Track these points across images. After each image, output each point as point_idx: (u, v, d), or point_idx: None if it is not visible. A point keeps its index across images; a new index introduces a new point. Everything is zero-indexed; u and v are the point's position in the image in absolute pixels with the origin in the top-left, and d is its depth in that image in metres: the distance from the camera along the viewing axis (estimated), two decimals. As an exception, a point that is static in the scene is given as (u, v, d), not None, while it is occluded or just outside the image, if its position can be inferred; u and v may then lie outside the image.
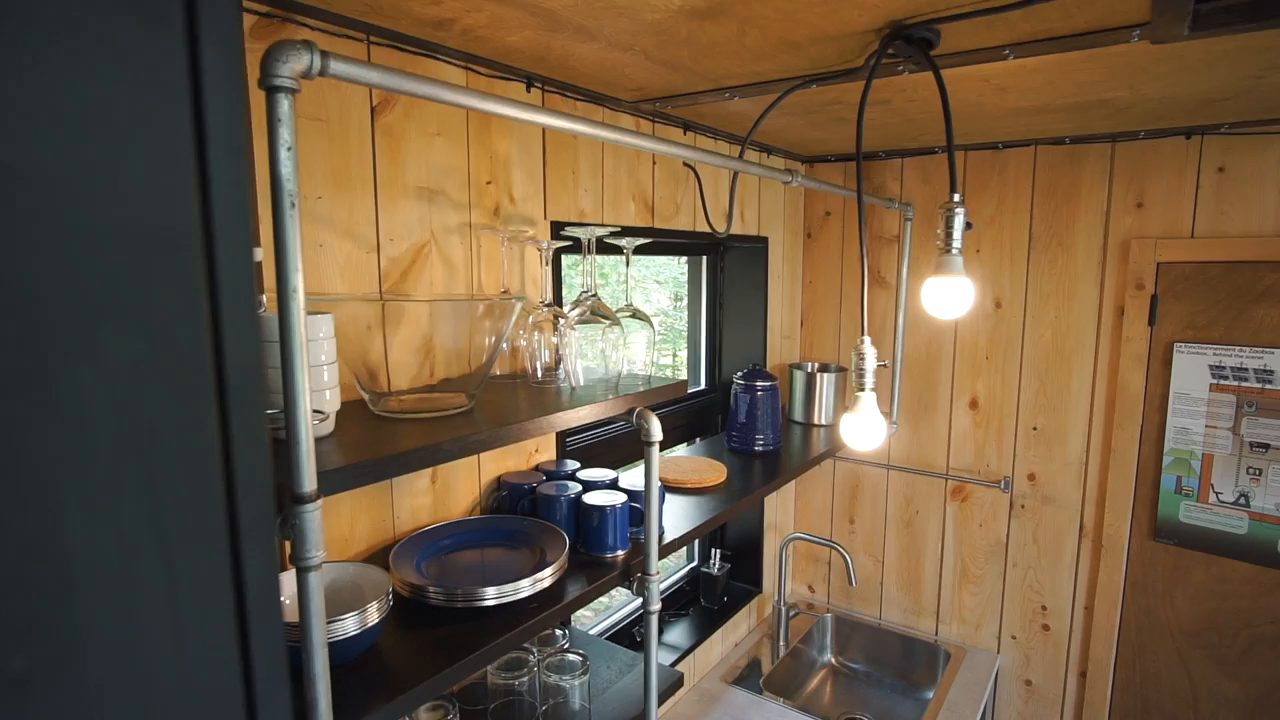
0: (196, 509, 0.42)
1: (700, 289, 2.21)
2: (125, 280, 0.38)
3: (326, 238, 1.02)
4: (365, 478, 0.74)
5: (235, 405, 0.44)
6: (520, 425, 0.91)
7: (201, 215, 0.41)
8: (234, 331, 0.43)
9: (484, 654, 0.89)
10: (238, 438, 0.44)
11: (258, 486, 0.46)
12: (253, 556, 0.46)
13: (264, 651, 0.46)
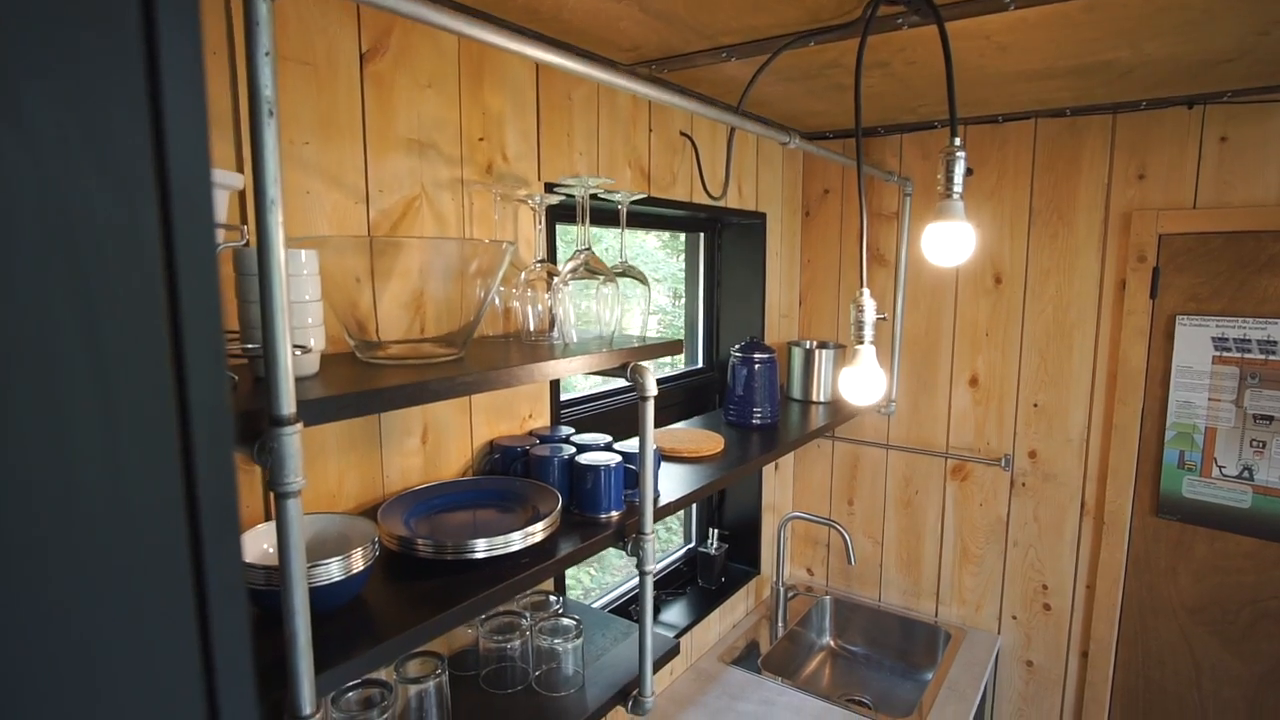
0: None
1: (698, 267, 2.18)
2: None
3: (314, 185, 1.00)
4: (347, 410, 0.72)
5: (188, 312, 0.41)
6: (510, 370, 0.89)
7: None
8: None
9: (473, 604, 0.86)
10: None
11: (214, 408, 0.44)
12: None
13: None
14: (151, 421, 0.35)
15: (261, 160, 0.59)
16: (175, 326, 0.36)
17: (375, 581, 0.91)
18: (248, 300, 0.77)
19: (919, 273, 2.13)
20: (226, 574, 0.41)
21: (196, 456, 0.38)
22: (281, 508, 0.63)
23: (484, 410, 1.28)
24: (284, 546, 0.63)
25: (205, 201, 0.35)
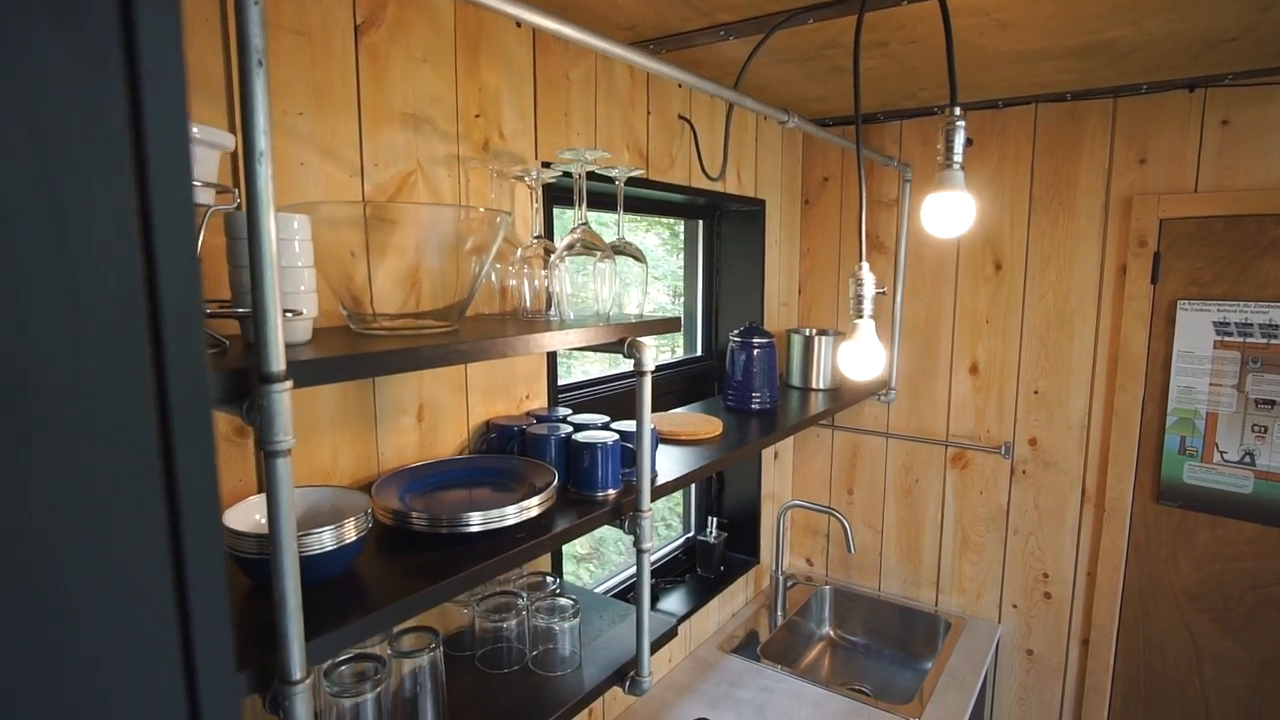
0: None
1: (697, 255, 2.17)
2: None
3: (308, 156, 0.99)
4: (339, 373, 0.71)
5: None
6: (505, 340, 0.88)
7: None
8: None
9: (468, 576, 0.85)
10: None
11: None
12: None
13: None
14: (123, 384, 0.34)
15: (251, 111, 0.58)
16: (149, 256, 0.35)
17: (368, 554, 0.90)
18: (239, 265, 0.77)
19: (919, 259, 2.12)
20: (204, 532, 0.40)
21: (172, 411, 0.37)
22: (271, 467, 0.62)
23: (480, 390, 1.27)
24: (273, 508, 0.62)
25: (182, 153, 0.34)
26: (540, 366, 1.39)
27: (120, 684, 0.35)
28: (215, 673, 0.41)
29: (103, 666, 0.34)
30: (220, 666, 0.41)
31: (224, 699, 0.41)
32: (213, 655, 0.41)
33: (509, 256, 1.23)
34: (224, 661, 0.42)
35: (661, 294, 2.34)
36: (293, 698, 0.64)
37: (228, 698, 0.41)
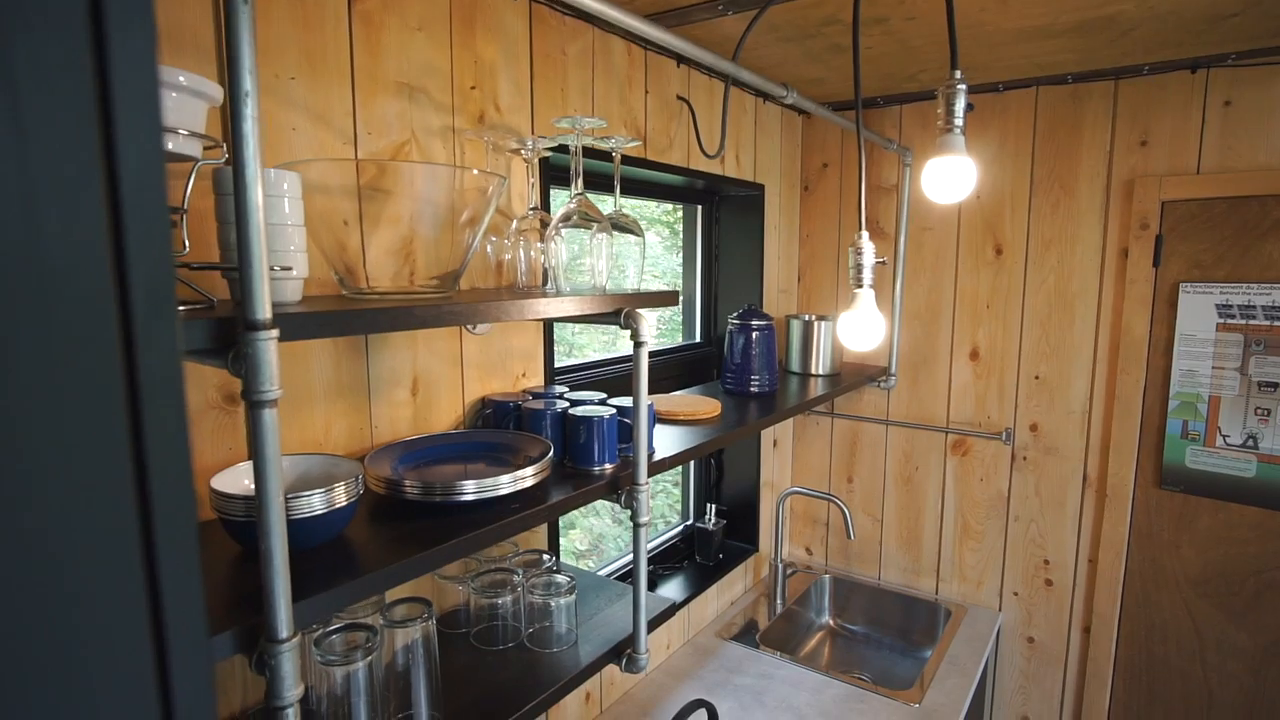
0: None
1: (695, 240, 2.16)
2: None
3: (299, 122, 0.98)
4: (328, 328, 0.69)
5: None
6: (499, 304, 0.87)
7: None
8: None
9: (461, 544, 0.84)
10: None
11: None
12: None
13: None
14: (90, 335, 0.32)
15: (237, 49, 0.56)
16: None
17: (360, 523, 0.88)
18: (226, 222, 0.75)
19: (919, 245, 2.11)
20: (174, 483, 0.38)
21: (138, 353, 0.35)
22: (256, 418, 0.60)
23: (476, 366, 1.26)
24: (259, 460, 0.61)
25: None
26: (537, 344, 1.38)
27: (81, 644, 0.34)
28: (186, 630, 0.39)
29: (62, 621, 0.33)
30: (191, 625, 0.39)
31: (195, 659, 0.39)
32: (182, 611, 0.39)
33: (504, 230, 1.22)
34: (195, 620, 0.40)
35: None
36: (279, 656, 0.63)
37: (198, 658, 0.39)
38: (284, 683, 0.63)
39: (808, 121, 2.27)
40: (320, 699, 0.88)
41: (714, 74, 1.79)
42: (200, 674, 0.39)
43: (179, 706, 0.39)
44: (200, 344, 0.60)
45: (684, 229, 2.18)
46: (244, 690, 0.96)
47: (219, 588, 0.72)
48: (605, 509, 2.11)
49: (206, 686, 0.40)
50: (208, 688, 0.40)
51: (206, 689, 0.40)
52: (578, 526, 2.09)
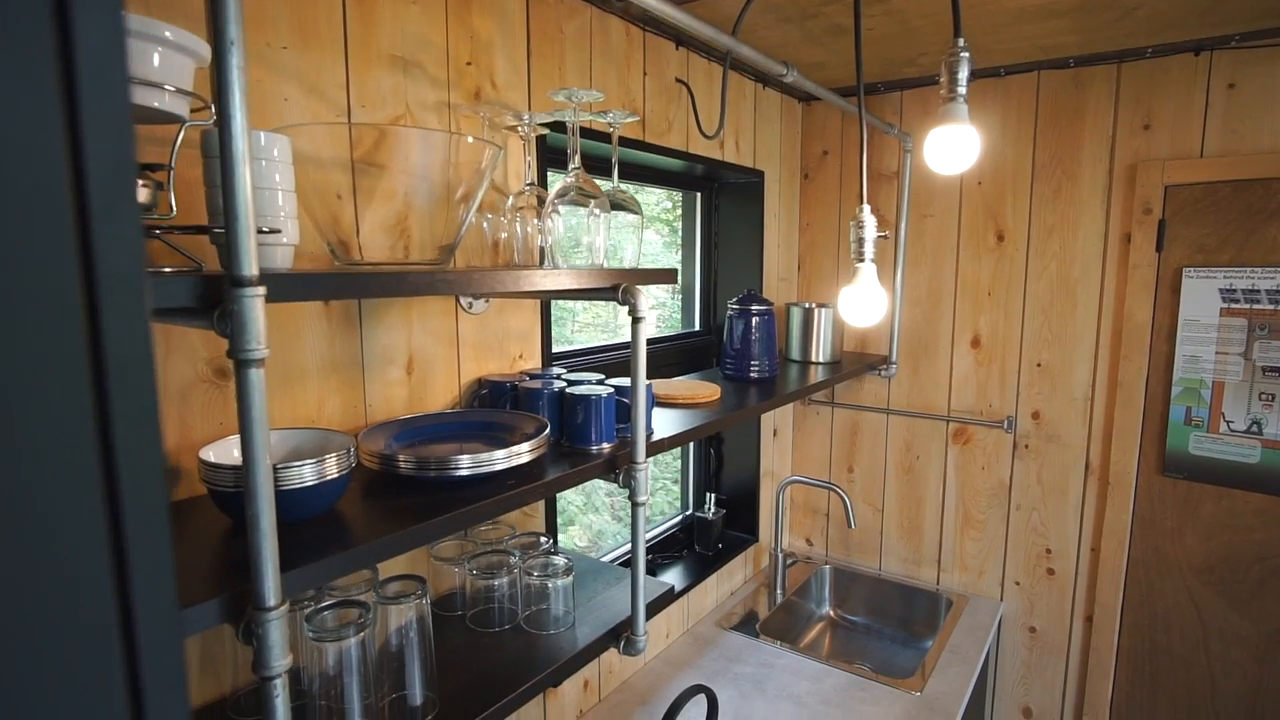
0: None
1: (694, 228, 2.14)
2: None
3: (291, 92, 0.96)
4: (317, 290, 0.68)
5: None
6: (495, 274, 0.85)
7: None
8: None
9: (455, 518, 0.82)
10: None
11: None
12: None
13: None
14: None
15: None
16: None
17: (352, 498, 0.87)
18: (214, 185, 0.73)
19: (920, 232, 2.09)
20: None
21: (105, 323, 0.34)
22: (243, 378, 0.58)
23: (472, 346, 1.24)
24: (245, 421, 0.59)
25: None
26: (534, 325, 1.36)
27: (42, 614, 0.32)
28: (154, 600, 0.37)
29: (21, 590, 0.31)
30: (160, 595, 0.38)
31: (164, 631, 0.37)
32: (151, 578, 0.37)
33: (501, 208, 1.20)
34: (164, 589, 0.38)
35: (661, 290, 2.31)
36: (266, 625, 0.61)
37: (167, 630, 0.38)
38: (272, 652, 0.61)
39: (807, 109, 2.25)
40: (312, 679, 0.87)
41: (712, 57, 1.78)
42: (169, 644, 0.38)
43: (147, 677, 0.37)
44: (185, 301, 0.58)
45: (683, 217, 2.16)
46: (235, 671, 0.94)
47: (206, 560, 0.70)
48: (604, 506, 2.09)
49: (175, 657, 0.38)
50: (177, 658, 0.38)
51: (175, 660, 0.38)
52: (576, 523, 2.07)
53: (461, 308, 1.21)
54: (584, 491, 2.06)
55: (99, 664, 0.35)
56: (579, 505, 2.05)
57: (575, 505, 2.05)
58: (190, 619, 0.60)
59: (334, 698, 0.87)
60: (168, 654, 0.38)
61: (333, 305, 1.02)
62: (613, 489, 2.05)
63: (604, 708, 1.61)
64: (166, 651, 0.38)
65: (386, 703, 0.91)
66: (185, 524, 0.79)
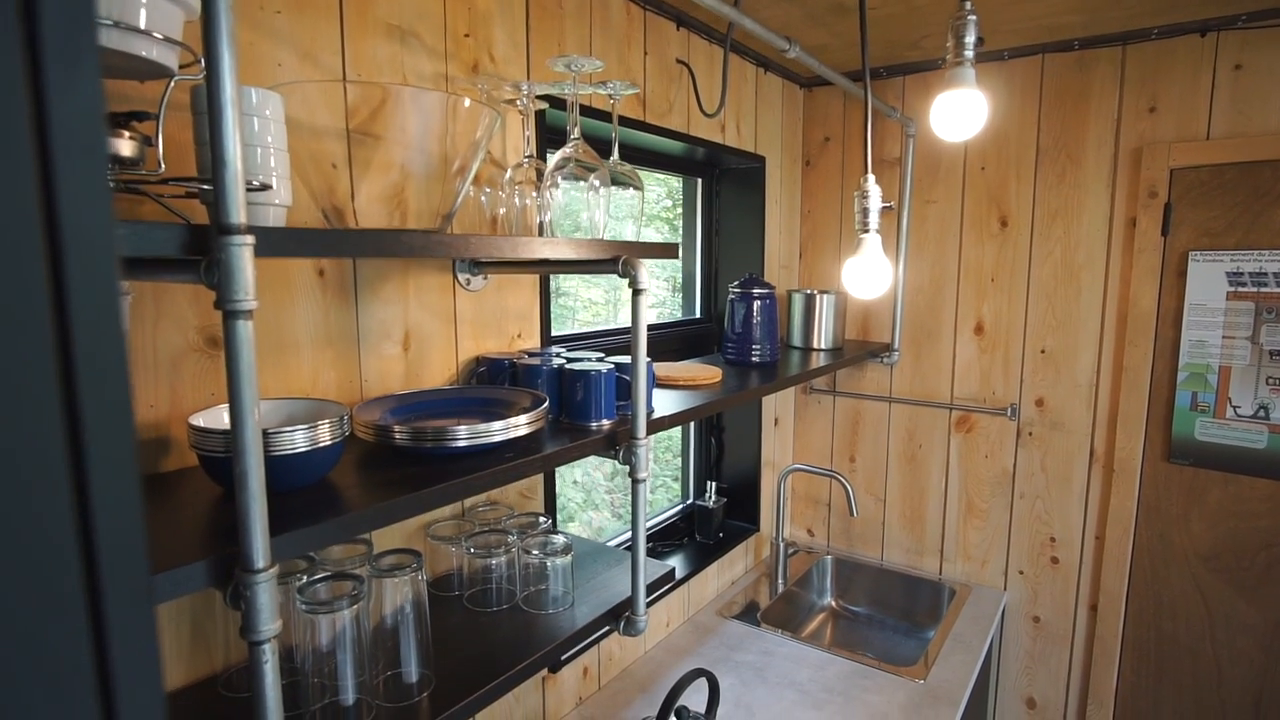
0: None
1: (695, 215, 2.13)
2: None
3: (285, 57, 0.94)
4: (309, 246, 0.66)
5: None
6: (493, 240, 0.83)
7: None
8: None
9: (451, 487, 0.80)
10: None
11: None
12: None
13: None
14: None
15: (206, -70, 0.53)
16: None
17: (347, 469, 0.85)
18: (205, 143, 0.72)
19: (923, 218, 2.07)
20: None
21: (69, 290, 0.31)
22: (230, 330, 0.56)
23: (469, 323, 1.22)
24: (233, 375, 0.57)
25: None
26: (533, 304, 1.34)
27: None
28: (121, 558, 0.35)
29: None
30: (129, 555, 0.35)
31: (133, 596, 0.35)
32: (118, 533, 0.35)
33: (499, 182, 1.19)
34: (134, 549, 0.36)
35: (660, 288, 2.28)
36: (254, 587, 0.59)
37: (137, 595, 0.35)
38: (260, 616, 0.59)
39: (809, 94, 2.24)
40: (304, 657, 0.85)
41: (713, 38, 1.76)
42: (140, 612, 0.35)
43: (115, 649, 0.35)
44: (171, 250, 0.56)
45: (683, 203, 2.14)
46: (227, 649, 0.92)
47: (195, 526, 0.68)
48: (605, 504, 2.07)
49: (146, 623, 0.36)
50: (148, 625, 0.36)
51: (147, 628, 0.36)
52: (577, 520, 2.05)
53: (459, 284, 1.19)
54: (584, 489, 2.04)
55: (62, 632, 0.32)
56: (579, 502, 2.03)
57: (575, 502, 2.03)
58: (176, 581, 0.58)
59: (327, 674, 0.85)
60: (137, 620, 0.35)
61: (327, 276, 1.00)
62: (613, 486, 2.03)
63: (603, 695, 1.59)
64: (136, 618, 0.35)
65: (381, 680, 0.89)
66: (175, 493, 0.77)
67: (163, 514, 0.71)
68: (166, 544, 0.63)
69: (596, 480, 2.06)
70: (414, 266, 1.12)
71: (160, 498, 0.76)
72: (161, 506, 0.73)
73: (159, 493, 0.77)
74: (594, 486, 2.06)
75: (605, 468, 2.05)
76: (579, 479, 2.00)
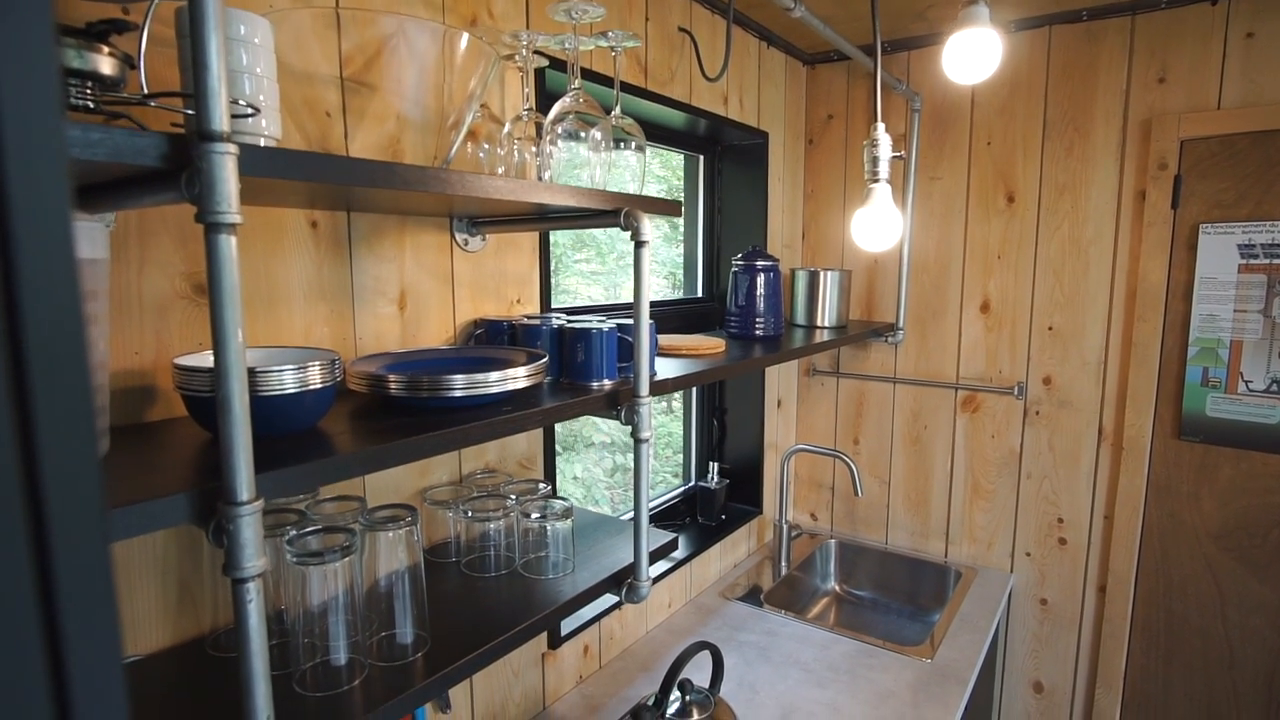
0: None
1: (697, 192, 2.10)
2: None
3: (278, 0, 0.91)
4: (297, 168, 0.63)
5: None
6: (491, 180, 0.80)
7: None
8: None
9: (446, 436, 0.77)
10: None
11: None
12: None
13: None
14: None
15: None
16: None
17: (339, 419, 0.82)
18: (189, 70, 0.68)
19: (928, 195, 2.04)
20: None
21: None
22: (212, 245, 0.53)
23: (467, 286, 1.19)
24: (215, 293, 0.54)
25: None
26: (532, 268, 1.31)
27: None
28: (69, 485, 0.31)
29: None
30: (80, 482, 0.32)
31: (86, 529, 0.32)
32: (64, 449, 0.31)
33: (497, 137, 1.15)
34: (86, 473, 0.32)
35: (661, 286, 2.24)
36: (237, 520, 0.56)
37: (91, 526, 0.32)
38: (243, 551, 0.56)
39: (812, 72, 2.21)
40: (295, 619, 0.81)
41: (715, 7, 1.73)
42: (91, 540, 0.32)
43: (63, 581, 0.31)
44: (151, 160, 0.53)
45: (684, 180, 2.11)
46: (215, 610, 0.89)
47: (178, 467, 0.65)
48: (605, 500, 2.03)
49: (101, 559, 0.32)
50: (103, 560, 0.33)
51: (101, 561, 0.32)
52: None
53: (457, 244, 1.16)
54: (584, 484, 2.00)
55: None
56: (579, 498, 2.00)
57: (575, 498, 1.99)
58: (155, 513, 0.55)
59: (318, 635, 0.82)
60: (88, 552, 0.32)
61: (321, 228, 0.97)
62: (613, 482, 2.00)
63: (604, 674, 1.55)
64: (87, 550, 0.32)
65: (375, 641, 0.86)
66: (159, 440, 0.74)
67: (145, 457, 0.68)
68: (146, 482, 0.60)
69: (596, 476, 2.03)
70: (410, 224, 1.09)
71: (143, 445, 0.72)
72: (144, 452, 0.70)
73: (143, 440, 0.74)
74: (594, 483, 2.02)
75: (605, 464, 2.02)
76: (579, 475, 1.97)
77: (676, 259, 2.13)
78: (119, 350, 0.79)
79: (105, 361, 0.68)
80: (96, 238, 0.63)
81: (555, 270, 1.43)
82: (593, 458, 1.98)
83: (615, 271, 1.89)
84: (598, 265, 1.89)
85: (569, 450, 1.88)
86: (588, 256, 1.89)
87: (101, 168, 0.56)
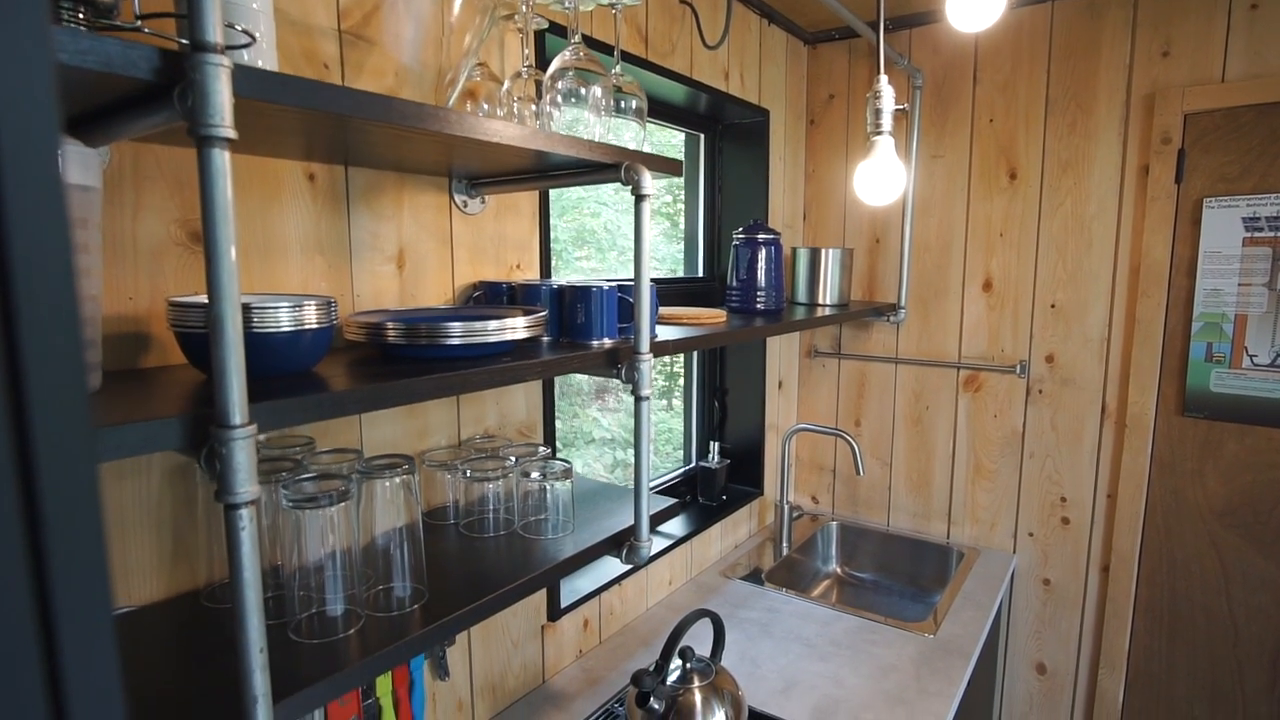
0: None
1: (698, 172, 2.09)
2: None
3: (273, -53, 0.90)
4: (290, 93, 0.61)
5: None
6: (489, 123, 0.79)
7: None
8: None
9: (443, 380, 0.76)
10: None
11: None
12: None
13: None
14: None
15: None
16: None
17: (336, 365, 0.81)
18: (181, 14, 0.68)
19: (930, 174, 2.03)
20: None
21: None
22: (205, 159, 0.52)
23: (466, 249, 1.18)
24: (208, 209, 0.53)
25: None
26: (532, 233, 1.30)
27: None
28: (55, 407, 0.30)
29: None
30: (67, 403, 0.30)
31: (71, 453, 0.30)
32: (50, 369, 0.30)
33: (496, 97, 1.15)
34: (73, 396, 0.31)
35: (660, 271, 2.22)
36: (230, 444, 0.55)
37: (77, 450, 0.31)
38: (236, 475, 0.55)
39: (813, 51, 2.20)
40: (290, 572, 0.80)
41: (718, -18, 1.72)
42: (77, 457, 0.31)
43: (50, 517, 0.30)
44: (143, 72, 0.52)
45: (685, 159, 2.10)
46: (210, 564, 0.88)
47: (171, 399, 0.64)
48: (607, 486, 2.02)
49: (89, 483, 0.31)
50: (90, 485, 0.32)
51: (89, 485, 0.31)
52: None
53: (456, 205, 1.15)
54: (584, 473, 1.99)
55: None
56: (581, 488, 1.98)
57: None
58: (146, 435, 0.54)
59: (314, 588, 0.81)
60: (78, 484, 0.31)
61: (318, 181, 0.96)
62: (613, 478, 1.98)
63: (604, 649, 1.54)
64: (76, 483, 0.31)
65: (372, 594, 0.85)
66: (154, 382, 0.73)
67: (138, 395, 0.67)
68: (139, 409, 0.59)
69: (597, 472, 2.02)
70: (409, 183, 1.08)
71: (138, 386, 0.71)
72: (137, 391, 0.69)
73: (137, 382, 0.73)
74: (593, 473, 2.01)
75: (605, 459, 2.00)
76: (580, 470, 1.96)
77: (677, 255, 2.12)
78: (113, 294, 0.78)
79: (98, 294, 0.67)
80: (88, 164, 0.62)
81: (555, 269, 1.42)
82: (593, 454, 1.96)
83: (616, 268, 1.88)
84: (598, 263, 1.88)
85: (570, 446, 1.86)
86: (588, 254, 1.88)
87: (93, 87, 0.55)
